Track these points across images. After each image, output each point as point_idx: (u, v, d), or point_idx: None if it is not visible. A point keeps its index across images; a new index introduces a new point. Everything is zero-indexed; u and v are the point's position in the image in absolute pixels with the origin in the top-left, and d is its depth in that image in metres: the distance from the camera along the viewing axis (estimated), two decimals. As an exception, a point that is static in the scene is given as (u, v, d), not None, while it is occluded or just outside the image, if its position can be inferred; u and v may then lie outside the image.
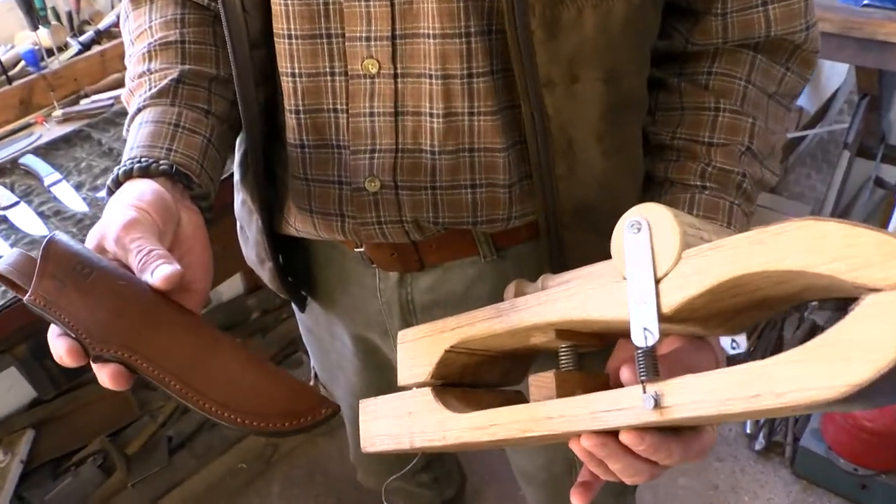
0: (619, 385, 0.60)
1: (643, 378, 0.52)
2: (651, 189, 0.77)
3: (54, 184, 1.47)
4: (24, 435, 1.89)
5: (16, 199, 1.44)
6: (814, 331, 2.08)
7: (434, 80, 0.68)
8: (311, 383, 1.18)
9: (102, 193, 1.42)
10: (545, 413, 0.58)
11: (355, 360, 1.02)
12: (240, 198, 0.90)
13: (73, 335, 0.58)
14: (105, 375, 0.57)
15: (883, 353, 0.38)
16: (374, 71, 0.69)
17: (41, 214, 1.41)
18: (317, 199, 0.78)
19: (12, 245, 1.34)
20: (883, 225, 1.90)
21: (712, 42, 0.73)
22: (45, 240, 0.61)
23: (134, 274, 0.61)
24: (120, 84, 1.73)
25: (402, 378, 0.71)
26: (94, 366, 0.58)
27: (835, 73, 2.07)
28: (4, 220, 1.40)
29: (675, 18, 0.75)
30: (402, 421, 0.69)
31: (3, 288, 1.24)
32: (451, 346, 0.66)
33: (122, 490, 1.90)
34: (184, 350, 0.58)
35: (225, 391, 0.57)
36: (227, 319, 2.15)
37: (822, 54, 0.89)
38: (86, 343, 0.57)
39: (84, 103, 1.70)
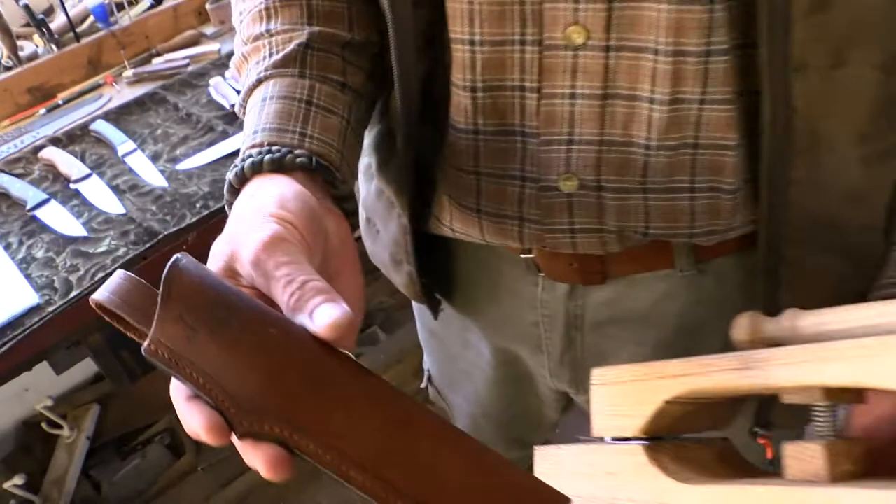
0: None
1: None
2: None
3: (129, 153, 1.35)
4: (90, 410, 1.82)
5: (87, 170, 1.32)
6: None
7: (660, 57, 0.54)
8: (423, 385, 1.07)
9: (183, 165, 1.31)
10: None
11: (489, 371, 0.89)
12: (373, 187, 0.77)
13: (212, 403, 0.43)
14: (260, 460, 0.42)
15: None
16: (579, 41, 0.55)
17: (115, 189, 1.29)
18: (488, 198, 0.65)
19: (85, 224, 1.22)
20: None
21: None
22: (168, 267, 0.45)
23: (281, 313, 0.46)
24: (194, 42, 1.60)
25: (600, 428, 0.57)
26: (240, 445, 0.43)
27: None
28: (77, 194, 1.28)
29: None
30: (600, 482, 0.56)
31: (81, 273, 1.13)
32: (674, 397, 0.53)
33: (192, 473, 1.81)
34: (369, 428, 0.42)
35: (430, 488, 0.41)
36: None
37: None
38: (230, 415, 0.42)
39: (156, 63, 1.58)
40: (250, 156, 0.54)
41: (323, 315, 0.43)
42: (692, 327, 0.71)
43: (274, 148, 0.54)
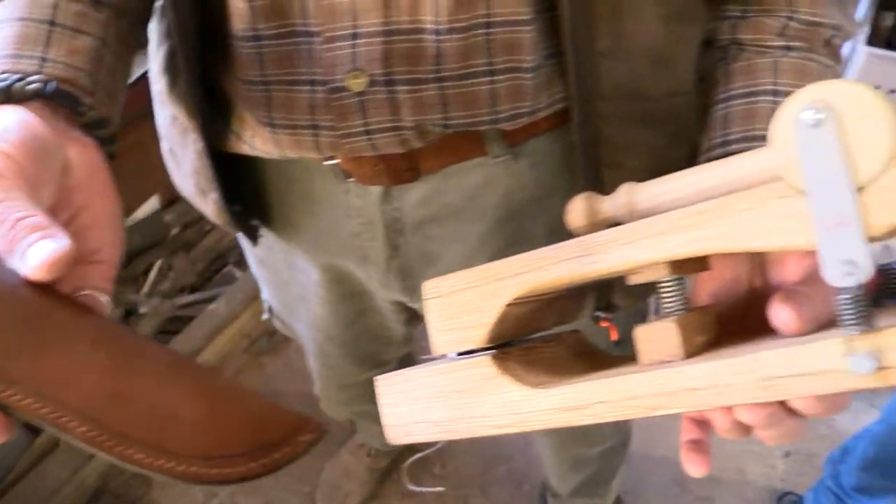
0: (744, 325, 0.47)
1: (855, 330, 0.36)
2: (709, 55, 0.62)
3: None
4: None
5: None
6: None
7: None
8: (264, 317, 1.01)
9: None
10: (684, 383, 0.42)
11: (321, 291, 0.85)
12: (167, 114, 0.69)
13: None
14: None
15: None
16: None
17: None
18: (279, 108, 0.59)
19: None
20: None
21: None
22: None
23: None
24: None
25: (440, 345, 0.52)
26: None
27: None
28: None
29: None
30: (450, 402, 0.51)
31: None
32: (515, 299, 0.48)
33: (53, 450, 1.67)
34: (90, 374, 0.39)
35: (158, 429, 0.38)
36: (144, 240, 1.88)
37: None
38: None
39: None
40: None
41: (36, 253, 0.39)
42: (513, 216, 0.69)
43: (2, 76, 0.47)
